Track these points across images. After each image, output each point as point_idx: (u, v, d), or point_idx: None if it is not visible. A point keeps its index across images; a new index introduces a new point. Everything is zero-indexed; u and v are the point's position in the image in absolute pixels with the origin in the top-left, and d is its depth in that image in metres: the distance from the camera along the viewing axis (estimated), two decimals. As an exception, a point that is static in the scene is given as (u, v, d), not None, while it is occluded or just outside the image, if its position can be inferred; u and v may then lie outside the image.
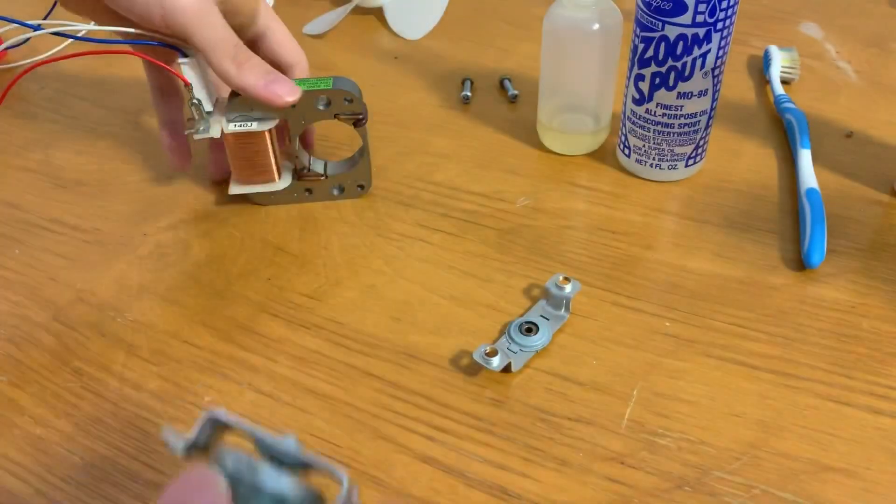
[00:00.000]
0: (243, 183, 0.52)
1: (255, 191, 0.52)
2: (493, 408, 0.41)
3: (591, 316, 0.45)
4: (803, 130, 0.56)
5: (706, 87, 0.50)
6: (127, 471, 0.39)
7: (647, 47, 0.49)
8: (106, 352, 0.45)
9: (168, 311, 0.47)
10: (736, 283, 0.47)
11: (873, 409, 0.39)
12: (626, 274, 0.48)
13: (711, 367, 0.42)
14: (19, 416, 0.41)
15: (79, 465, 0.39)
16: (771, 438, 0.38)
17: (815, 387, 0.41)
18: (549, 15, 0.52)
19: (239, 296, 0.48)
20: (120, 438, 0.40)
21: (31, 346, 0.45)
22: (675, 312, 0.45)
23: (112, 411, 0.41)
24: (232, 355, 0.44)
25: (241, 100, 0.48)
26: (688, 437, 0.39)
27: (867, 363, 0.42)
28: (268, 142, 0.49)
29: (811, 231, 0.48)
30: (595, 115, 0.56)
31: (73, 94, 0.68)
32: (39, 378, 0.43)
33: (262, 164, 0.50)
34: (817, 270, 0.47)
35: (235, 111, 0.48)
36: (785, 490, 0.36)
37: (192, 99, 0.48)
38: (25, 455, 0.39)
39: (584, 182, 0.55)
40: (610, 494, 0.36)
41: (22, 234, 0.53)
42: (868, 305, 0.45)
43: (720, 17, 0.46)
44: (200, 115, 0.48)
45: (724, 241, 0.50)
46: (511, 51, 0.70)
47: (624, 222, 0.51)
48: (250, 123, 0.48)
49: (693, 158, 0.54)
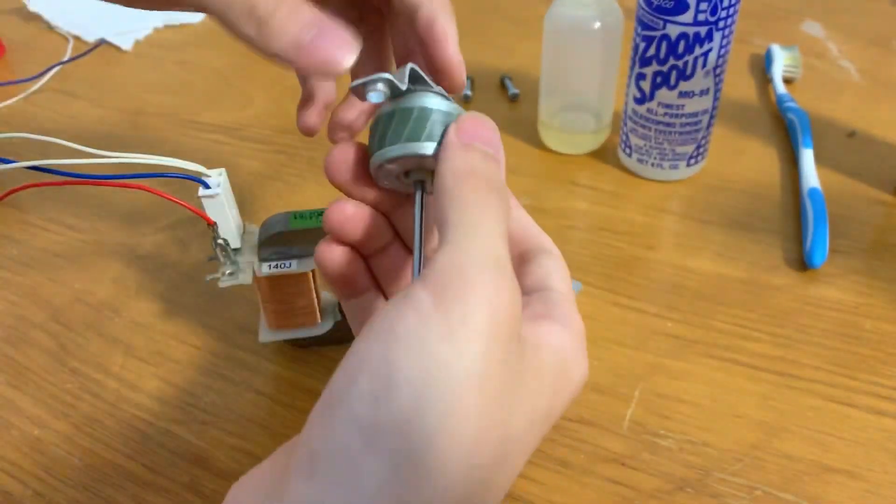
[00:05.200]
0: (277, 328, 0.42)
1: (292, 337, 0.43)
2: (493, 409, 0.40)
3: (592, 316, 0.45)
4: (805, 130, 0.56)
5: (708, 86, 0.49)
6: (125, 471, 0.38)
7: (648, 46, 0.49)
8: (104, 352, 0.44)
9: (166, 312, 0.47)
10: (738, 284, 0.46)
11: (876, 410, 0.39)
12: (627, 274, 0.47)
13: (713, 367, 0.42)
14: (17, 416, 0.41)
15: (77, 466, 0.39)
16: (773, 439, 0.38)
17: (817, 387, 0.40)
18: (551, 13, 0.52)
19: (238, 296, 0.47)
20: (118, 439, 0.40)
21: (29, 346, 0.45)
22: (677, 313, 0.45)
23: (110, 412, 0.41)
24: (231, 355, 0.44)
25: (277, 235, 0.39)
26: (689, 438, 0.38)
27: (870, 364, 0.41)
28: (310, 282, 0.40)
29: (813, 231, 0.47)
30: (596, 114, 0.56)
31: (72, 93, 0.68)
32: (37, 379, 0.43)
33: (303, 307, 0.41)
34: (819, 270, 0.47)
35: (269, 247, 0.39)
36: (787, 491, 0.36)
37: (217, 239, 0.39)
38: (23, 456, 0.39)
39: (585, 181, 0.55)
40: (611, 496, 0.36)
41: (20, 235, 0.53)
42: (870, 306, 0.45)
43: (721, 16, 0.46)
44: (227, 257, 0.40)
45: (726, 240, 0.49)
46: (512, 49, 0.69)
47: (625, 222, 0.51)
48: (289, 263, 0.39)
49: (694, 158, 0.53)
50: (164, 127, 0.63)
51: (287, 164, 0.58)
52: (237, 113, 0.65)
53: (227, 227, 0.39)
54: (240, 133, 0.62)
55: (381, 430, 0.20)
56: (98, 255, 0.51)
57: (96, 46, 0.67)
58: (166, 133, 0.63)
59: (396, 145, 0.26)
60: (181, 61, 0.72)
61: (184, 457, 0.39)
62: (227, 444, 0.39)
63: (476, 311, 0.21)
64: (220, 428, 0.40)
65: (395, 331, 0.21)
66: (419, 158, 0.26)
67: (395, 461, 0.20)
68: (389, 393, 0.20)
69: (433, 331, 0.21)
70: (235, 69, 0.70)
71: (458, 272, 0.22)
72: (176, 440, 0.40)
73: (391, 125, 0.27)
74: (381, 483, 0.20)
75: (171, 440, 0.40)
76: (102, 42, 0.74)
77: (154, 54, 0.74)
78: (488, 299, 0.22)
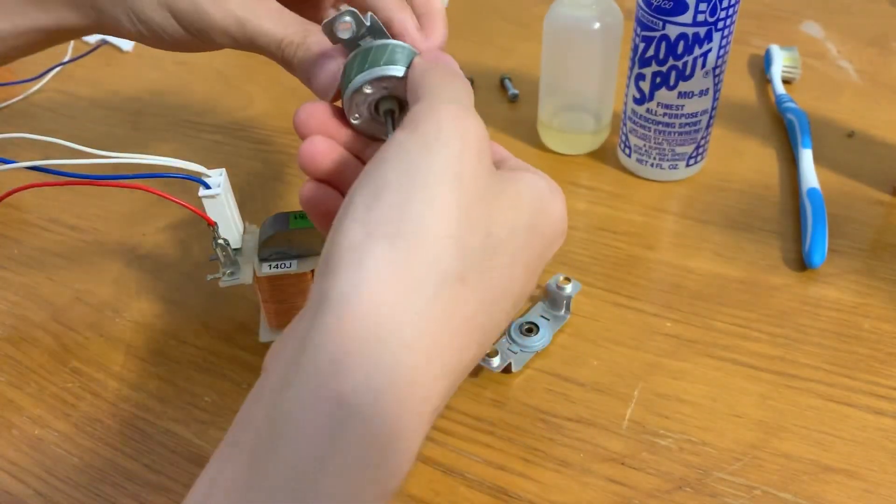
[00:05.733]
0: (278, 327, 0.43)
1: None
2: (493, 408, 0.40)
3: (591, 316, 0.45)
4: (804, 130, 0.56)
5: (707, 87, 0.50)
6: (126, 471, 0.38)
7: (647, 46, 0.49)
8: (105, 352, 0.44)
9: (167, 312, 0.47)
10: (737, 284, 0.46)
11: (874, 410, 0.39)
12: (626, 274, 0.48)
13: (712, 367, 0.42)
14: (18, 416, 0.41)
15: (77, 466, 0.39)
16: (772, 439, 0.38)
17: (816, 387, 0.41)
18: (550, 14, 0.52)
19: (238, 296, 0.47)
20: (119, 439, 0.40)
21: (30, 346, 0.45)
22: (676, 313, 0.45)
23: (111, 412, 0.41)
24: (232, 355, 0.44)
25: (277, 235, 0.39)
26: (689, 437, 0.38)
27: (868, 363, 0.42)
28: (310, 283, 0.41)
29: (812, 231, 0.48)
30: (596, 114, 0.56)
31: (72, 93, 0.68)
32: (38, 378, 0.43)
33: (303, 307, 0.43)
34: (818, 270, 0.47)
35: (269, 248, 0.40)
36: (786, 491, 0.36)
37: (217, 239, 0.39)
38: (24, 456, 0.39)
39: (585, 182, 0.55)
40: (610, 495, 0.36)
41: (21, 234, 0.53)
42: (869, 306, 0.45)
43: (721, 17, 0.46)
44: (228, 257, 0.40)
45: (725, 241, 0.49)
46: (511, 50, 0.70)
47: (624, 222, 0.51)
48: (289, 263, 0.40)
49: (694, 158, 0.53)
50: (165, 127, 0.64)
51: (287, 164, 0.59)
52: (237, 113, 0.65)
53: (227, 227, 0.40)
54: (240, 133, 0.62)
55: (377, 223, 0.24)
56: (99, 255, 0.51)
57: (97, 47, 0.67)
58: (166, 133, 0.63)
59: (367, 70, 0.30)
60: (181, 61, 0.72)
61: (184, 456, 0.39)
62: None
63: (446, 128, 0.26)
64: (221, 428, 0.40)
65: (378, 158, 0.26)
66: (390, 81, 0.30)
67: (393, 244, 0.24)
68: (378, 199, 0.24)
69: (411, 148, 0.25)
70: (235, 69, 0.70)
71: (429, 109, 0.27)
72: (176, 440, 0.40)
73: (364, 58, 0.30)
74: (379, 265, 0.23)
75: (172, 440, 0.40)
76: (103, 42, 0.74)
77: (154, 54, 0.74)
78: (457, 120, 0.26)
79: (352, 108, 0.31)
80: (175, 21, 0.35)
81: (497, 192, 0.27)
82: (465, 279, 0.25)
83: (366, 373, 0.22)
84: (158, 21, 0.35)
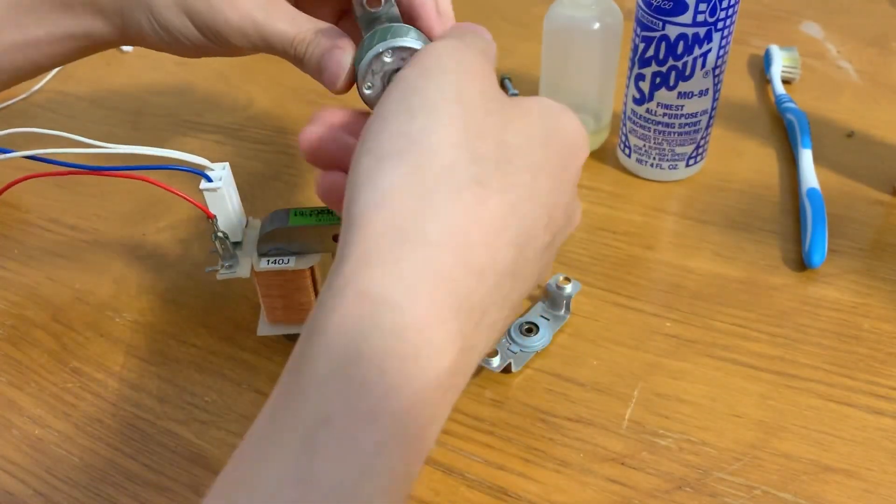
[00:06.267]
0: (276, 322, 0.43)
1: (290, 331, 0.43)
2: (493, 408, 0.40)
3: (591, 316, 0.45)
4: (804, 130, 0.56)
5: (707, 87, 0.50)
6: (126, 471, 0.38)
7: (647, 47, 0.49)
8: (105, 352, 0.45)
9: (167, 312, 0.47)
10: (736, 284, 0.46)
11: (874, 410, 0.39)
12: (626, 274, 0.48)
13: (712, 367, 0.42)
14: (18, 416, 0.41)
15: (78, 466, 0.39)
16: (772, 439, 0.38)
17: (816, 387, 0.41)
18: (550, 14, 0.52)
19: (238, 296, 0.47)
20: (119, 439, 0.40)
21: (30, 346, 0.45)
22: (676, 312, 0.45)
23: (111, 412, 0.41)
24: (232, 355, 0.44)
25: (276, 231, 0.39)
26: (688, 437, 0.39)
27: (868, 363, 0.42)
28: (308, 280, 0.40)
29: (812, 231, 0.48)
30: (595, 114, 0.56)
31: (72, 93, 0.68)
32: (38, 378, 0.43)
33: (301, 303, 0.41)
34: (818, 270, 0.47)
35: (269, 244, 0.40)
36: (786, 491, 0.36)
37: (217, 232, 0.40)
38: (24, 455, 0.39)
39: (585, 182, 0.55)
40: (610, 495, 0.36)
41: (21, 234, 0.53)
42: (869, 306, 0.45)
43: (721, 17, 0.46)
44: (227, 251, 0.40)
45: (725, 241, 0.49)
46: (511, 50, 0.70)
47: (624, 222, 0.51)
48: (287, 260, 0.40)
49: (694, 158, 0.53)
50: (165, 127, 0.64)
51: (288, 164, 0.59)
52: (237, 113, 0.65)
53: (227, 220, 0.40)
54: (240, 133, 0.62)
55: (385, 146, 0.25)
56: (99, 255, 0.51)
57: (96, 47, 0.67)
58: (167, 133, 0.63)
59: (390, 39, 0.31)
60: (181, 61, 0.72)
61: (185, 456, 0.39)
62: (228, 443, 0.39)
63: (445, 56, 0.28)
64: (221, 427, 0.40)
65: (383, 97, 0.27)
66: (409, 52, 0.31)
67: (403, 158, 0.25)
68: (384, 127, 0.26)
69: (410, 76, 0.27)
70: (235, 69, 0.70)
71: (430, 47, 0.28)
72: (177, 440, 0.40)
73: (385, 32, 0.32)
74: (393, 178, 0.25)
75: (172, 440, 0.40)
76: (103, 42, 0.74)
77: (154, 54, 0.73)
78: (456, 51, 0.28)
79: (367, 77, 0.32)
80: (192, 24, 0.36)
81: (505, 108, 0.28)
82: (482, 183, 0.25)
83: (393, 265, 0.23)
84: (177, 25, 0.36)
